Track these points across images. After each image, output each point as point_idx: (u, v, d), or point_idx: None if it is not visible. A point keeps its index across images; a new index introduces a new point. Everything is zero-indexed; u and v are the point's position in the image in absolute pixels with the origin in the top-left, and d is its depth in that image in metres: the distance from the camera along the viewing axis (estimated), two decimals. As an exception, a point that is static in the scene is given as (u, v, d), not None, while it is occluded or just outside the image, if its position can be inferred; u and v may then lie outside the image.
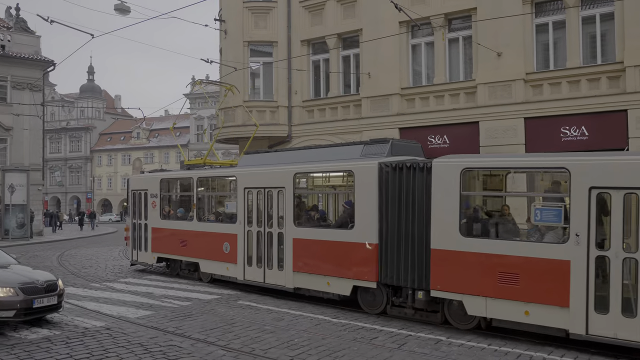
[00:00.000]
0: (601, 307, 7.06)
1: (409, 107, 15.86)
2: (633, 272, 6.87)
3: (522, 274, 7.72)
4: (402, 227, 9.15)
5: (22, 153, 30.10)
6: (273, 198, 11.28)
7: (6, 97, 29.75)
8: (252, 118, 16.82)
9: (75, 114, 73.04)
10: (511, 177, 9.22)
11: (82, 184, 71.61)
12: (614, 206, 7.07)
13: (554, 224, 7.74)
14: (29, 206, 27.80)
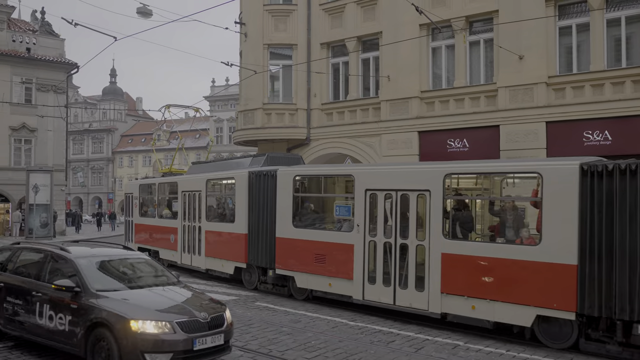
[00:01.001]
0: (371, 280, 9.56)
1: (428, 110, 15.81)
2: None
3: (327, 255, 10.25)
4: (260, 220, 11.80)
5: (46, 154, 30.73)
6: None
7: (31, 99, 30.41)
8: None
9: (98, 116, 74.25)
10: (324, 182, 11.41)
11: (104, 185, 72.75)
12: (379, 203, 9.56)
13: (346, 217, 10.20)
14: (52, 206, 28.35)
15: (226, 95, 59.23)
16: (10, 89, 29.54)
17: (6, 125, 29.48)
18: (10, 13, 30.69)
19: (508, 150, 14.04)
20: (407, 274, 9.07)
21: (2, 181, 29.29)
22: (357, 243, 9.76)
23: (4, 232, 30.04)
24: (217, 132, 63.87)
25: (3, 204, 30.20)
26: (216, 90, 61.94)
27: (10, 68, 29.67)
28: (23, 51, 30.14)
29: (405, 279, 9.11)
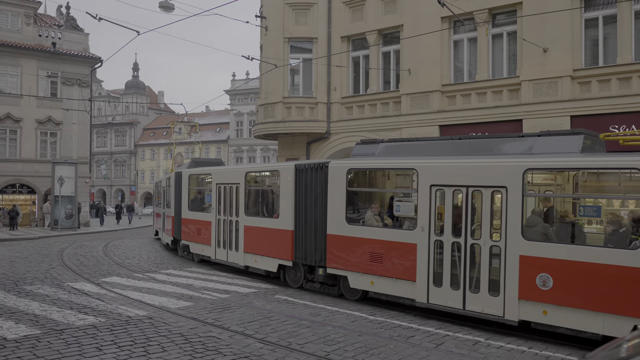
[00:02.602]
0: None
1: (449, 104, 15.62)
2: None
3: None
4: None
5: (70, 146, 31.27)
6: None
7: (57, 93, 30.93)
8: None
9: (121, 110, 75.21)
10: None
11: (127, 177, 73.75)
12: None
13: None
14: (76, 198, 28.85)
15: (246, 89, 59.43)
16: (37, 83, 30.09)
17: (33, 118, 30.09)
18: (36, 8, 31.17)
19: (531, 145, 13.79)
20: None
21: (28, 173, 29.97)
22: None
23: (30, 223, 30.66)
24: (238, 126, 64.16)
25: (29, 196, 30.83)
26: (236, 84, 62.16)
27: (36, 62, 30.22)
28: (49, 46, 30.62)
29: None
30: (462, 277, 8.62)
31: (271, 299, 10.47)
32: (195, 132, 67.80)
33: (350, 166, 10.50)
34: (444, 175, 8.99)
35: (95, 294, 10.53)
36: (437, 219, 9.05)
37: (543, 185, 9.50)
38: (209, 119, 71.66)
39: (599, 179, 8.87)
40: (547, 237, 8.04)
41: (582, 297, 7.37)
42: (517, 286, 7.95)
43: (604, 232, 7.94)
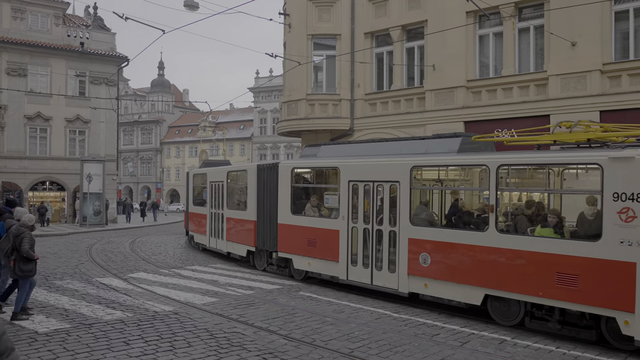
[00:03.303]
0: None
1: (475, 100, 15.42)
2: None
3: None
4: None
5: (98, 144, 31.87)
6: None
7: (85, 92, 31.53)
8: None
9: (147, 108, 76.24)
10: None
11: (152, 175, 74.75)
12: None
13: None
14: (104, 195, 29.38)
15: (270, 87, 59.60)
16: (66, 82, 30.72)
17: (62, 117, 30.74)
18: (65, 9, 31.79)
19: (558, 141, 13.52)
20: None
21: (58, 170, 30.64)
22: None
23: (59, 219, 31.34)
24: (261, 123, 64.40)
25: (59, 192, 31.52)
26: (260, 81, 62.40)
27: (65, 62, 30.84)
28: (77, 45, 31.22)
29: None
30: (370, 258, 10.48)
31: (295, 296, 10.50)
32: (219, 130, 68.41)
33: (294, 166, 12.64)
34: (359, 172, 10.81)
35: (122, 289, 10.71)
36: (353, 209, 10.90)
37: (431, 180, 11.25)
38: (233, 117, 72.15)
39: (467, 174, 10.60)
40: (428, 222, 9.80)
41: (449, 272, 9.06)
42: (407, 264, 9.72)
43: (471, 218, 9.53)
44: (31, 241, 8.20)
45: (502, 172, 8.68)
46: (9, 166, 28.86)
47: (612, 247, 7.17)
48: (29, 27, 30.06)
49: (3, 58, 29.06)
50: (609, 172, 7.29)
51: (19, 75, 29.39)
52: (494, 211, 8.51)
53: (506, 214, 9.08)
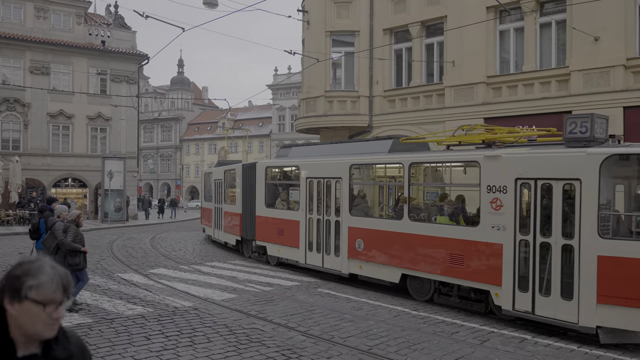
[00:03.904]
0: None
1: (495, 96, 15.25)
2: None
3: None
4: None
5: (119, 142, 32.28)
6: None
7: (106, 90, 31.95)
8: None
9: (166, 105, 76.97)
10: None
11: (172, 172, 75.51)
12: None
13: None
14: (125, 191, 29.78)
15: (288, 84, 59.73)
16: (87, 81, 31.18)
17: (84, 114, 31.20)
18: (87, 8, 32.23)
19: (581, 137, 13.31)
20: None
21: (80, 167, 31.12)
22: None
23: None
24: (280, 120, 64.57)
25: (81, 189, 32.01)
26: (279, 78, 62.55)
27: (87, 60, 31.27)
28: (98, 44, 31.64)
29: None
30: (322, 244, 12.10)
31: (314, 292, 10.53)
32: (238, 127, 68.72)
33: (267, 165, 14.65)
34: (314, 170, 12.53)
35: (143, 285, 10.86)
36: (310, 202, 12.49)
37: (366, 177, 12.84)
38: (251, 114, 72.48)
39: (391, 171, 12.00)
40: (363, 213, 11.33)
41: (376, 255, 10.63)
42: (347, 249, 11.31)
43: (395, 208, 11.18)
44: (75, 234, 8.56)
45: (413, 169, 10.33)
46: (32, 163, 29.40)
47: (486, 231, 8.56)
48: (51, 26, 30.55)
49: (27, 57, 29.59)
50: (484, 168, 8.69)
51: (42, 73, 29.91)
52: (407, 202, 10.09)
53: (417, 204, 10.81)
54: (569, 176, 7.66)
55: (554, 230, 7.76)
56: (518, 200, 8.25)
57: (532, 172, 8.10)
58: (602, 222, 7.40)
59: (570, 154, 7.75)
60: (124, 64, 32.26)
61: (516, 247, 8.18)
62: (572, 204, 7.60)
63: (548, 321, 7.78)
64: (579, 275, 7.42)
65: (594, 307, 7.28)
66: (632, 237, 7.55)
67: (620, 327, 7.22)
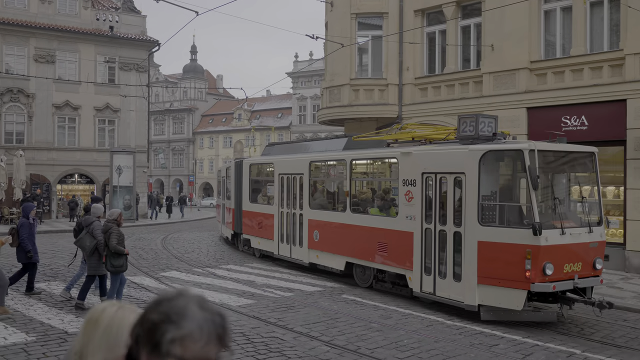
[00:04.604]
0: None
1: (539, 83, 14.99)
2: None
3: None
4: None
5: (128, 135, 32.70)
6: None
7: (114, 79, 32.39)
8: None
9: (179, 95, 77.75)
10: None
11: (185, 167, 76.28)
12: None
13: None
14: (135, 188, 30.12)
15: (310, 71, 59.63)
16: (95, 69, 31.63)
17: (91, 105, 31.66)
18: (93, -9, 32.68)
19: (637, 129, 13.00)
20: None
21: (87, 162, 31.60)
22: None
23: (89, 213, 32.29)
24: (300, 111, 64.65)
25: (88, 186, 32.52)
26: (299, 65, 62.59)
27: (94, 47, 31.73)
28: (106, 30, 32.07)
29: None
30: (290, 236, 14.12)
31: (338, 299, 10.52)
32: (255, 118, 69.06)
33: (251, 162, 17.12)
34: (284, 167, 14.64)
35: (154, 289, 10.98)
36: (281, 197, 14.57)
37: (322, 172, 14.44)
38: (270, 104, 72.76)
39: (341, 167, 13.18)
40: (320, 206, 13.31)
41: (328, 245, 12.64)
42: (307, 240, 13.31)
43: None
44: (119, 236, 8.93)
45: (353, 165, 12.33)
46: (37, 157, 29.98)
47: (402, 221, 10.40)
48: (57, 10, 31.05)
49: (31, 44, 30.15)
50: (401, 164, 10.57)
51: (47, 61, 30.44)
52: (349, 195, 12.12)
53: (358, 197, 12.59)
54: (457, 170, 9.35)
55: (448, 219, 9.52)
56: (424, 193, 10.01)
57: (434, 167, 9.89)
58: (483, 211, 9.05)
59: (457, 150, 9.47)
60: (134, 50, 32.65)
61: (423, 235, 9.97)
62: (461, 195, 9.29)
63: (444, 301, 9.52)
64: (464, 259, 9.12)
65: (475, 287, 8.95)
66: (505, 224, 8.99)
67: (495, 305, 8.84)
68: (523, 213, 9.20)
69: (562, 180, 9.95)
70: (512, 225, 8.89)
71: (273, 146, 17.23)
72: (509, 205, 9.29)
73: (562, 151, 9.48)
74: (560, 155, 9.56)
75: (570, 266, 8.65)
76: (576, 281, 8.62)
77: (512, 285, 8.58)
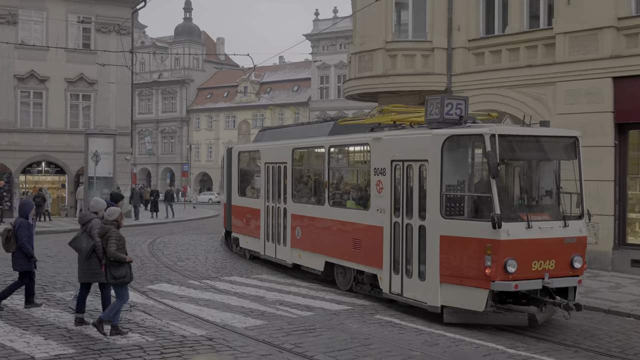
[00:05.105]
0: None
1: (629, 46, 14.84)
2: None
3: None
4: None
5: (107, 113, 32.89)
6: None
7: (90, 43, 32.57)
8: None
9: (169, 64, 78.19)
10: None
11: (177, 154, 76.77)
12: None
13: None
14: (115, 180, 30.38)
15: (334, 33, 59.47)
16: (66, 32, 31.82)
17: (61, 77, 31.84)
18: None
19: None
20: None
21: (57, 148, 31.79)
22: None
23: (59, 211, 32.63)
24: (322, 83, 64.61)
25: (58, 177, 32.75)
26: (321, 26, 62.48)
27: (64, 5, 31.97)
28: (79, -18, 32.23)
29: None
30: (276, 234, 15.29)
31: (369, 320, 10.52)
32: (265, 92, 69.18)
33: (240, 150, 18.26)
34: (270, 155, 15.80)
35: (140, 305, 11.09)
36: (267, 189, 15.66)
37: (306, 160, 15.22)
38: (283, 74, 72.88)
39: (322, 154, 13.77)
40: (303, 199, 14.34)
41: (309, 243, 13.76)
42: (290, 238, 14.43)
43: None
44: (119, 240, 8.93)
45: (331, 152, 13.26)
46: (-5, 142, 30.32)
47: (374, 214, 11.39)
48: (19, -41, 31.30)
49: (-13, 1, 30.43)
50: (373, 150, 11.54)
51: (7, 22, 30.74)
52: (327, 186, 13.06)
53: (335, 189, 13.53)
54: (421, 157, 10.27)
55: (414, 211, 10.46)
56: (393, 183, 10.93)
57: (401, 154, 10.79)
58: (447, 203, 9.99)
59: (421, 135, 10.50)
60: (114, 8, 32.84)
61: (392, 230, 10.92)
62: (425, 186, 10.26)
63: (410, 302, 10.55)
64: (427, 255, 10.06)
65: (437, 287, 9.91)
66: (469, 216, 9.91)
67: (458, 306, 9.76)
68: (489, 205, 9.70)
69: (536, 169, 10.81)
70: (473, 218, 9.84)
71: (265, 132, 18.46)
72: (471, 196, 10.14)
73: (532, 136, 10.22)
74: (532, 140, 10.29)
75: (540, 264, 9.46)
76: (546, 281, 9.42)
77: (473, 283, 9.50)
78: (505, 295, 9.88)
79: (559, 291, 9.72)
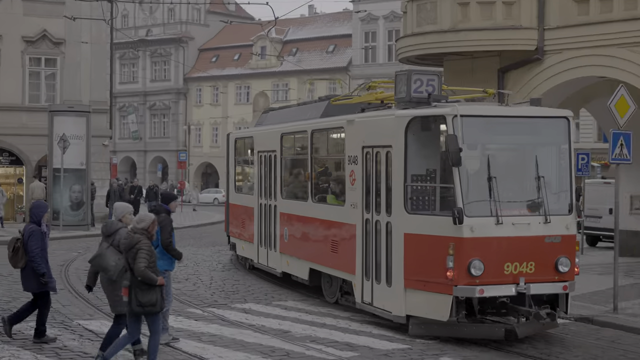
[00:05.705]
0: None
1: None
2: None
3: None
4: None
5: (78, 84, 33.01)
6: None
7: (55, -10, 32.74)
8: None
9: (161, 16, 78.37)
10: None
11: (171, 137, 76.93)
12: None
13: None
14: (89, 173, 30.52)
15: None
16: (23, -26, 32.06)
17: (17, 35, 32.04)
18: None
19: None
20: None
21: (10, 130, 31.92)
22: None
23: (14, 214, 32.93)
24: (366, 41, 64.41)
25: (13, 168, 32.95)
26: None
27: (21, -63, 32.17)
28: None
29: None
30: (267, 237, 16.61)
31: (433, 365, 10.49)
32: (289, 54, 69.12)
33: (237, 136, 19.92)
34: (262, 142, 17.08)
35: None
36: (260, 183, 17.00)
37: (296, 148, 16.31)
38: (313, 30, 72.72)
39: (307, 141, 14.98)
40: (293, 194, 15.56)
41: (294, 247, 14.96)
42: (279, 241, 15.49)
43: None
44: (150, 255, 8.71)
45: (314, 138, 14.37)
46: None
47: (348, 210, 12.59)
48: None
49: None
50: (347, 135, 12.75)
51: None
52: (309, 179, 14.29)
53: (320, 181, 14.62)
54: (386, 143, 11.36)
55: (381, 206, 11.56)
56: (364, 172, 12.05)
57: (371, 139, 11.90)
58: (411, 196, 11.09)
59: (385, 117, 11.76)
60: (87, -58, 33.03)
61: (363, 228, 12.08)
62: (392, 176, 11.31)
63: (378, 312, 11.76)
64: (392, 256, 11.14)
65: (402, 293, 10.98)
66: (433, 211, 11.08)
67: (423, 315, 10.80)
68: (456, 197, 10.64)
69: (515, 155, 11.98)
70: (436, 213, 11.04)
71: (268, 113, 19.84)
72: (435, 188, 11.34)
73: (507, 116, 11.24)
74: (507, 122, 11.27)
75: (515, 266, 10.36)
76: (522, 286, 10.26)
77: (435, 288, 10.58)
78: (487, 305, 10.81)
79: (550, 299, 10.67)
